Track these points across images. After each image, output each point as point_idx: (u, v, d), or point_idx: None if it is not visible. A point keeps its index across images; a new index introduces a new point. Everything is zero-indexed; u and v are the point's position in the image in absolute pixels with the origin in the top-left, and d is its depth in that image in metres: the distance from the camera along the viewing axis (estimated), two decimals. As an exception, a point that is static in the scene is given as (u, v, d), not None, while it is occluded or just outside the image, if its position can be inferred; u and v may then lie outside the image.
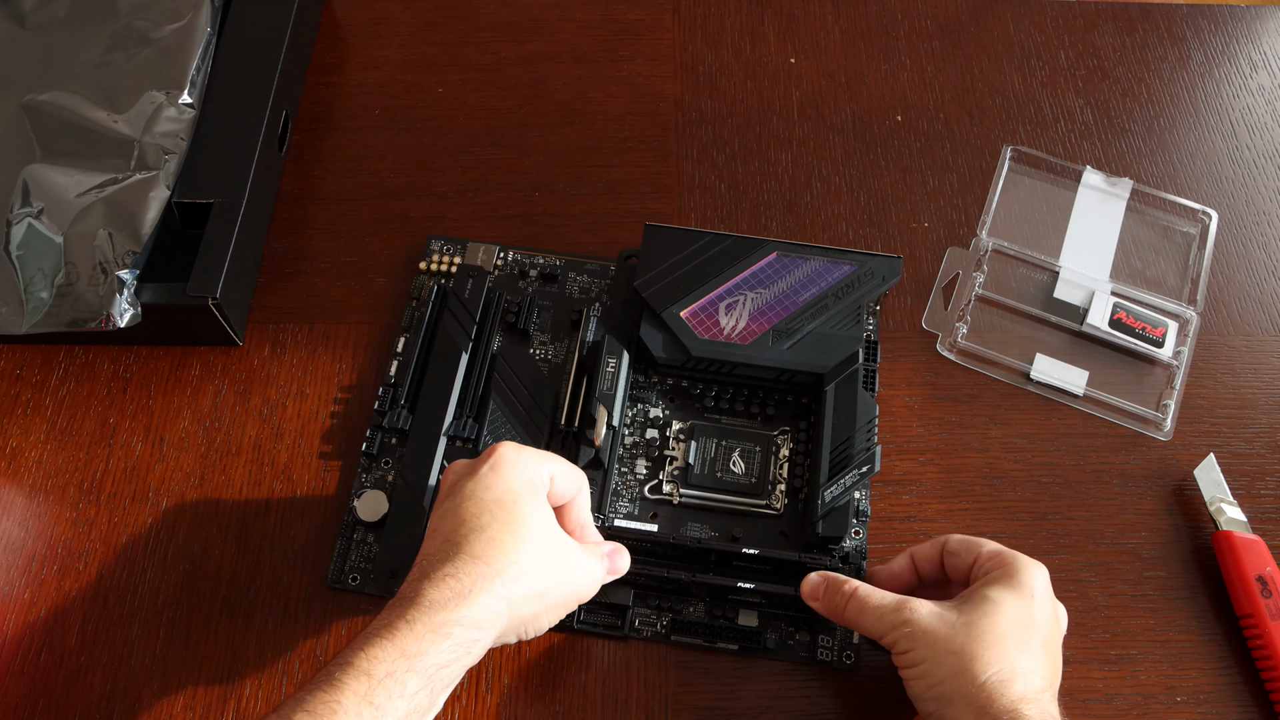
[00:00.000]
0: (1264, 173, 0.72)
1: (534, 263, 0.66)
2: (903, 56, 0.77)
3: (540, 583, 0.47)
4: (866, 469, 0.56)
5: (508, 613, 0.46)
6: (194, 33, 0.66)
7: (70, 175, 0.61)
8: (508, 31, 0.77)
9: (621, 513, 0.58)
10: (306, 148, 0.72)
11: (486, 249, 0.66)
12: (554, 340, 0.63)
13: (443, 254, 0.66)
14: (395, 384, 0.61)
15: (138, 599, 0.56)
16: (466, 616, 0.44)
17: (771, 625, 0.55)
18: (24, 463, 0.60)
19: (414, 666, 0.43)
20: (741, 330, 0.59)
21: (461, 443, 0.59)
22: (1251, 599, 0.55)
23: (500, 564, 0.46)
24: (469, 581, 0.45)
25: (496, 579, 0.46)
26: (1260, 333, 0.66)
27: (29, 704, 0.53)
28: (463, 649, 0.44)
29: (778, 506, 0.58)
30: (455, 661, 0.44)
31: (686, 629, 0.55)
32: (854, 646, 0.55)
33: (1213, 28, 0.79)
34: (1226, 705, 0.54)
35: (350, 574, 0.56)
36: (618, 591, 0.55)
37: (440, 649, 0.44)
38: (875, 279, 0.62)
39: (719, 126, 0.73)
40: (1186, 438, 0.62)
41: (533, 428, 0.59)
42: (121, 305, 0.58)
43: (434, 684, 0.43)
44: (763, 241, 0.62)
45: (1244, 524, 0.57)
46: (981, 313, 0.66)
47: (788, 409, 0.61)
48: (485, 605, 0.45)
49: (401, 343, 0.62)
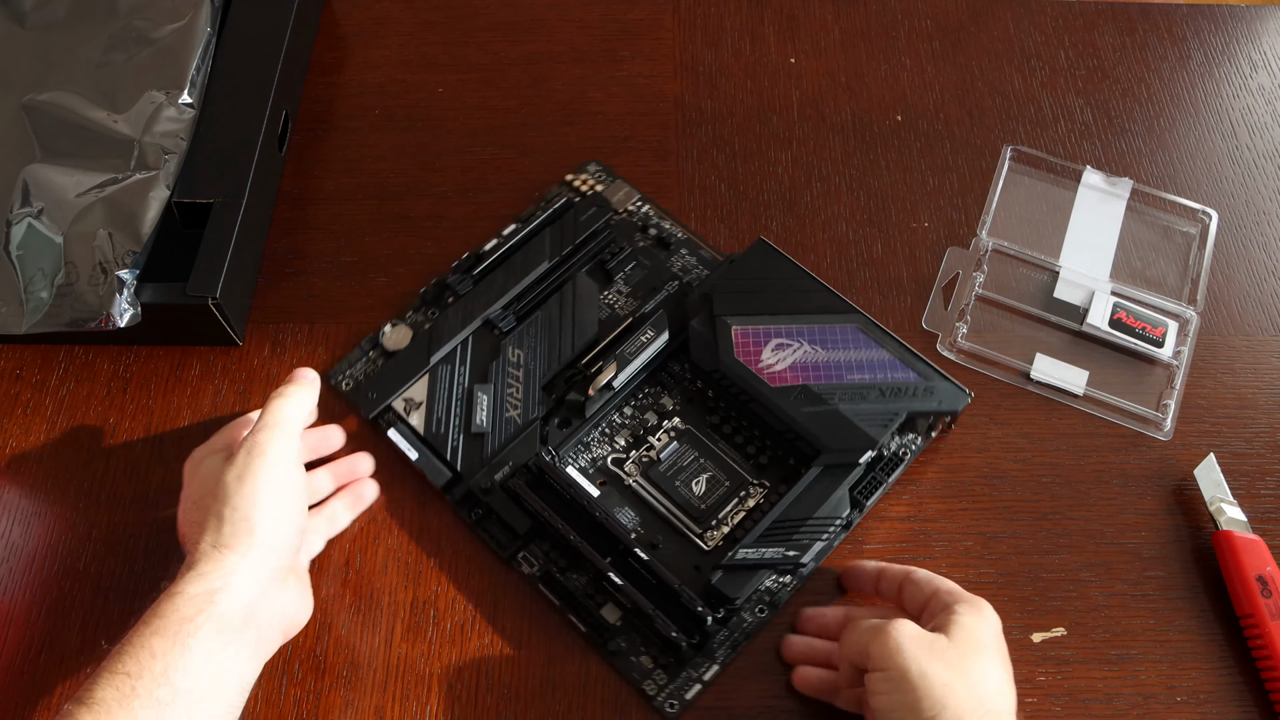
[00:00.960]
0: (1264, 173, 0.72)
1: (659, 225, 0.67)
2: (903, 56, 0.77)
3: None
4: (792, 555, 0.54)
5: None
6: (194, 33, 0.66)
7: (70, 175, 0.61)
8: (508, 31, 0.77)
9: (576, 464, 0.59)
10: (306, 148, 0.72)
11: (629, 192, 0.69)
12: (629, 296, 0.64)
13: (594, 178, 0.69)
14: (481, 256, 0.64)
15: (138, 599, 0.56)
16: (193, 575, 0.48)
17: (627, 635, 0.54)
18: (24, 463, 0.60)
19: (155, 629, 0.46)
20: (776, 372, 0.58)
21: (492, 329, 0.62)
22: (1251, 599, 0.55)
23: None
24: (190, 559, 0.49)
25: (204, 544, 0.49)
26: (1260, 333, 0.66)
27: (29, 704, 0.53)
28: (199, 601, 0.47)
29: (709, 543, 0.56)
30: (198, 614, 0.46)
31: (553, 586, 0.56)
32: (684, 700, 0.53)
33: (1213, 28, 0.79)
34: (1226, 705, 0.54)
35: (346, 379, 0.62)
36: (521, 518, 0.56)
37: (175, 606, 0.46)
38: (931, 398, 0.58)
39: (719, 126, 0.73)
40: (1186, 438, 0.62)
41: (553, 354, 0.61)
42: (121, 305, 0.58)
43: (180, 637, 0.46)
44: (853, 310, 0.61)
45: (1244, 524, 0.57)
46: (981, 313, 0.66)
47: (780, 467, 0.59)
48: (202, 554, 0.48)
49: (510, 229, 0.66)
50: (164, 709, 0.44)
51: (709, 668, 0.54)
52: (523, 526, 0.56)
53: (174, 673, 0.45)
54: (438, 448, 0.58)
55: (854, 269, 0.68)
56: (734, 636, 0.54)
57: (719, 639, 0.54)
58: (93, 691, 0.44)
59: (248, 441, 0.51)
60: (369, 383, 0.61)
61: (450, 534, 0.58)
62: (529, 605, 0.56)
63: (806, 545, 0.54)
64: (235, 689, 0.47)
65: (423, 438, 0.59)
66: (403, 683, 0.54)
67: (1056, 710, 0.54)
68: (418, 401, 0.60)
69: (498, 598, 0.56)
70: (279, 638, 0.51)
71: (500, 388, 0.60)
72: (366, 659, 0.55)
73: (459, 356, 0.61)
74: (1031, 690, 0.54)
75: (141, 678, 0.44)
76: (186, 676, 0.45)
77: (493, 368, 0.60)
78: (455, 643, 0.55)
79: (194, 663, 0.45)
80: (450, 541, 0.58)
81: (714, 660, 0.54)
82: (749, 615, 0.55)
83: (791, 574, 0.56)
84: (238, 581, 0.48)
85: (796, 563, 0.54)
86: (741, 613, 0.55)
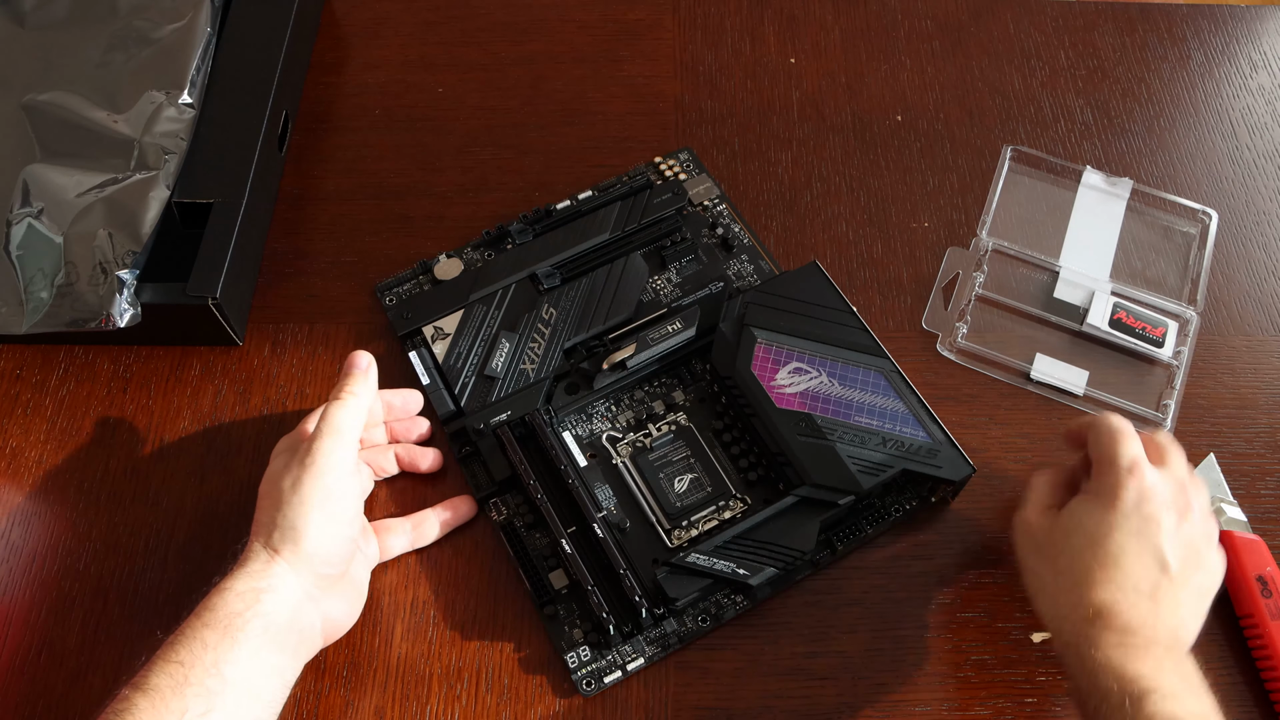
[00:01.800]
0: (1264, 173, 0.72)
1: (729, 226, 0.68)
2: (903, 56, 0.77)
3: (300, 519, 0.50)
4: (741, 574, 0.53)
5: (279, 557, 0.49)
6: (194, 33, 0.66)
7: (70, 175, 0.61)
8: (508, 31, 0.77)
9: (573, 431, 0.60)
10: (306, 148, 0.72)
11: (709, 187, 0.69)
12: (677, 287, 0.65)
13: (681, 166, 0.70)
14: (551, 213, 0.67)
15: (138, 599, 0.56)
16: (242, 573, 0.49)
17: (566, 604, 0.55)
18: (24, 463, 0.60)
19: (206, 622, 0.47)
20: (786, 394, 0.57)
21: (536, 283, 0.64)
22: (1252, 599, 0.55)
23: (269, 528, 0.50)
24: (242, 555, 0.50)
25: (256, 542, 0.50)
26: (1260, 333, 0.66)
27: (29, 704, 0.53)
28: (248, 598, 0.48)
29: (674, 541, 0.56)
30: (246, 610, 0.47)
31: (513, 540, 0.57)
32: (602, 683, 0.53)
33: (1213, 28, 0.79)
34: (1226, 705, 0.54)
35: (391, 296, 0.65)
36: (502, 465, 0.57)
37: (225, 601, 0.47)
38: (930, 460, 0.56)
39: (719, 126, 0.73)
40: (1186, 438, 0.62)
41: (584, 322, 0.62)
42: (121, 305, 0.58)
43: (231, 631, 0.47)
44: (885, 357, 0.59)
45: (1244, 524, 0.57)
46: (981, 312, 0.66)
47: (766, 487, 0.58)
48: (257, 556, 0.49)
49: (587, 194, 0.68)
50: (213, 698, 0.45)
51: (634, 659, 0.54)
52: (501, 474, 0.57)
53: (224, 664, 0.46)
54: (450, 380, 0.60)
55: (854, 269, 0.68)
56: (667, 637, 0.54)
57: (653, 634, 0.54)
58: (148, 678, 0.45)
59: (303, 448, 0.51)
60: (408, 302, 0.63)
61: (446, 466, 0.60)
62: (496, 554, 0.57)
63: (759, 568, 0.54)
64: (278, 685, 0.48)
65: (439, 367, 0.61)
66: (403, 683, 0.54)
67: (1057, 710, 0.54)
68: (446, 332, 0.62)
69: (475, 546, 0.58)
70: (320, 641, 0.52)
71: (524, 339, 0.61)
72: (366, 659, 0.55)
73: (496, 300, 0.63)
74: (1031, 690, 0.54)
75: (194, 667, 0.45)
76: (235, 668, 0.46)
77: (524, 319, 0.62)
78: (455, 643, 0.55)
79: (242, 656, 0.46)
80: (439, 475, 0.60)
81: (641, 654, 0.54)
82: (690, 621, 0.55)
83: (745, 595, 0.55)
84: (282, 585, 0.49)
85: (745, 582, 0.54)
86: (682, 615, 0.55)
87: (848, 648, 0.55)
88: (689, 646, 0.55)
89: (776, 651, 0.55)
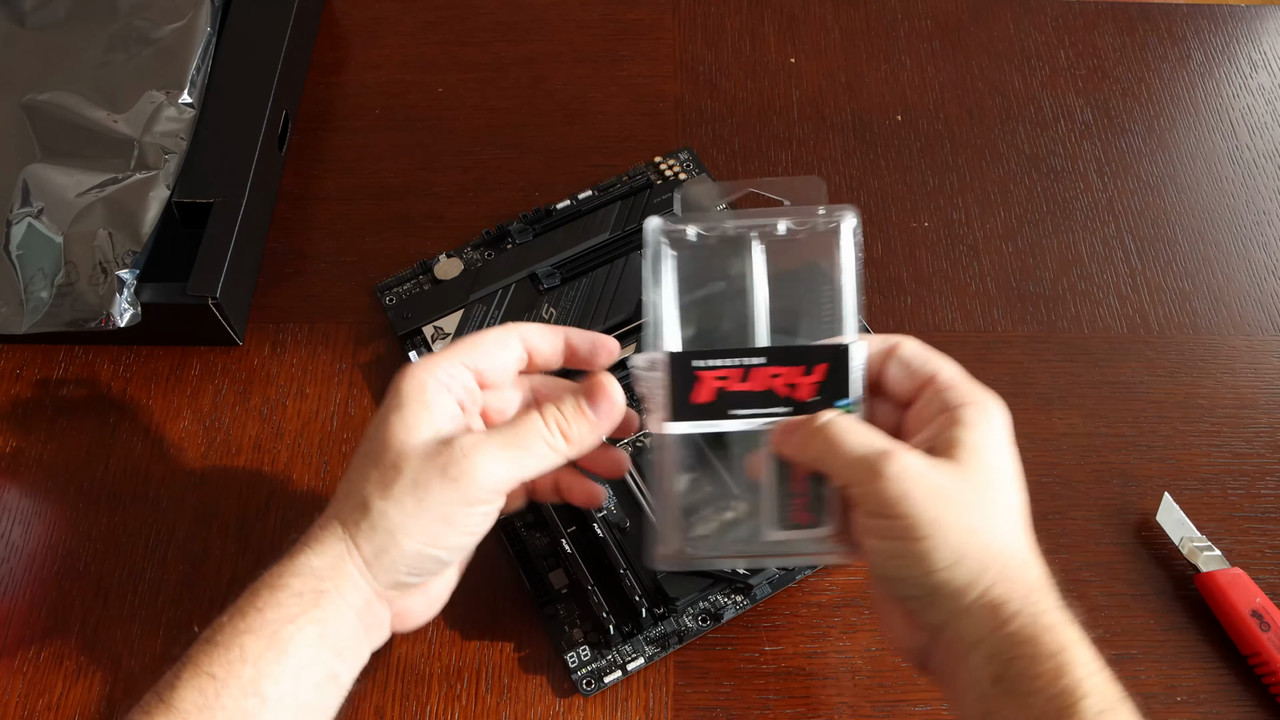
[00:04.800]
0: (1264, 173, 0.72)
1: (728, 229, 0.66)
2: (903, 56, 0.77)
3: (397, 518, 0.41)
4: (742, 574, 0.53)
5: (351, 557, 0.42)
6: (194, 33, 0.66)
7: (70, 175, 0.61)
8: (508, 31, 0.77)
9: None
10: (306, 148, 0.72)
11: (708, 190, 0.64)
12: None
13: (682, 165, 0.70)
14: (551, 212, 0.67)
15: (138, 599, 0.56)
16: (304, 564, 0.41)
17: (567, 604, 0.55)
18: (24, 463, 0.60)
19: (250, 626, 0.40)
20: None
21: (536, 283, 0.63)
22: (1254, 636, 0.53)
23: (346, 509, 0.42)
24: (316, 531, 0.42)
25: (335, 522, 0.42)
26: (1260, 333, 0.66)
27: (29, 704, 0.53)
28: (305, 600, 0.41)
29: None
30: (300, 614, 0.40)
31: (513, 539, 0.56)
32: (602, 683, 0.53)
33: (1213, 28, 0.79)
34: (1226, 705, 0.54)
35: (391, 295, 0.64)
36: None
37: (278, 600, 0.40)
38: None
39: (719, 126, 0.73)
40: (1186, 438, 0.62)
41: (584, 321, 0.62)
42: (121, 305, 0.58)
43: (277, 639, 0.40)
44: None
45: (1219, 557, 0.56)
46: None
47: None
48: (326, 548, 0.41)
49: (587, 194, 0.68)
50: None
51: (634, 659, 0.54)
52: None
53: (264, 681, 0.39)
54: None
55: (854, 269, 0.68)
56: (667, 637, 0.54)
57: (653, 634, 0.54)
58: (175, 690, 0.39)
59: (459, 453, 0.41)
60: (408, 302, 0.64)
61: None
62: (496, 553, 0.57)
63: (761, 568, 0.54)
64: (333, 694, 0.42)
65: None
66: (402, 682, 0.54)
67: (1056, 710, 0.54)
68: (446, 332, 0.62)
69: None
70: (386, 634, 0.45)
71: None
72: (366, 659, 0.55)
73: (496, 300, 0.63)
74: (1031, 690, 0.54)
75: (228, 684, 0.39)
76: (278, 686, 0.39)
77: (524, 319, 0.62)
78: (455, 642, 0.55)
79: (287, 672, 0.40)
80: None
81: (641, 654, 0.54)
82: (690, 621, 0.55)
83: (745, 595, 0.55)
84: (350, 589, 0.42)
85: (745, 582, 0.54)
86: (682, 615, 0.55)
87: (848, 648, 0.55)
88: (689, 646, 0.55)
89: (776, 651, 0.55)
